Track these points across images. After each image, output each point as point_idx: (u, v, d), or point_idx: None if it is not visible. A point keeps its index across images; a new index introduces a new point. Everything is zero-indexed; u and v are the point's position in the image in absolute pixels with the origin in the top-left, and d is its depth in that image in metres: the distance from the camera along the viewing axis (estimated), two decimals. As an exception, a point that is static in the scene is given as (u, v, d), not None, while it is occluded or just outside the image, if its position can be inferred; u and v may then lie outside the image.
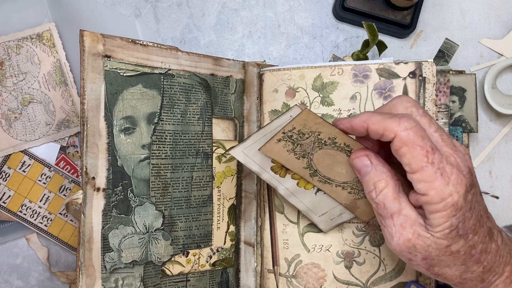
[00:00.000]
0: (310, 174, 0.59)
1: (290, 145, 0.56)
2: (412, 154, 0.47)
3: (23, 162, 0.69)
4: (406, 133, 0.47)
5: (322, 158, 0.57)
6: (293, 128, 0.54)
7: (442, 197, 0.47)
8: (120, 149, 0.57)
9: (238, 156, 0.59)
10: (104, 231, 0.56)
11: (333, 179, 0.58)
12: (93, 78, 0.56)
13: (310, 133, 0.55)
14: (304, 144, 0.56)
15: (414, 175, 0.48)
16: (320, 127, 0.54)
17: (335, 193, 0.60)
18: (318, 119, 0.54)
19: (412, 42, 0.74)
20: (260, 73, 0.67)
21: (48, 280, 0.71)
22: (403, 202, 0.50)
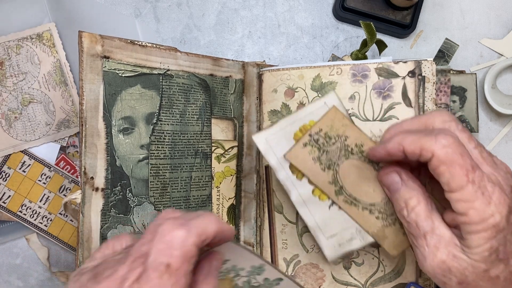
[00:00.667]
0: (335, 191, 0.56)
1: (316, 152, 0.55)
2: (452, 172, 0.45)
3: (23, 162, 0.69)
4: (445, 151, 0.45)
5: (349, 170, 0.55)
6: (319, 130, 0.53)
7: (482, 217, 0.44)
8: (118, 149, 0.57)
9: (260, 143, 0.56)
10: (103, 231, 0.56)
11: (359, 199, 0.56)
12: (92, 78, 0.56)
13: (337, 137, 0.53)
14: (331, 151, 0.54)
15: (453, 194, 0.46)
16: (346, 130, 0.53)
17: (361, 218, 0.56)
18: (345, 120, 0.53)
19: (412, 42, 0.74)
20: (260, 73, 0.67)
21: (48, 280, 0.71)
22: (437, 220, 0.48)
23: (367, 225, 0.56)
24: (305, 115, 0.55)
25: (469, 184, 0.45)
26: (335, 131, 0.53)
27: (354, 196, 0.56)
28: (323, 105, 0.54)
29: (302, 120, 0.54)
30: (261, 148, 0.56)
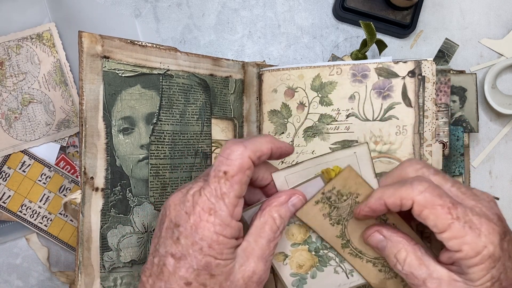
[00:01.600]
0: (342, 244, 0.57)
1: (327, 208, 0.55)
2: (435, 214, 0.46)
3: (23, 162, 0.69)
4: (423, 196, 0.46)
5: (356, 226, 0.56)
6: (333, 188, 0.54)
7: (476, 250, 0.45)
8: (118, 149, 0.57)
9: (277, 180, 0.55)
10: (103, 231, 0.56)
11: (364, 253, 0.57)
12: (92, 79, 0.56)
13: (349, 195, 0.54)
14: (341, 208, 0.55)
15: (443, 235, 0.46)
16: (359, 188, 0.54)
17: (365, 270, 0.58)
18: (359, 178, 0.54)
19: (412, 42, 0.74)
20: (260, 73, 0.67)
21: (48, 280, 0.71)
22: (431, 264, 0.49)
23: (370, 276, 0.58)
24: (332, 160, 0.55)
25: (454, 221, 0.46)
26: (347, 188, 0.54)
27: (359, 249, 0.57)
28: (352, 155, 0.54)
29: (327, 164, 0.55)
30: (277, 184, 0.56)
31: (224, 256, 0.46)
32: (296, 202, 0.52)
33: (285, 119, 0.65)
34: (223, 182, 0.46)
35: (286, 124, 0.64)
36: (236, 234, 0.47)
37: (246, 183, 0.47)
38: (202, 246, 0.45)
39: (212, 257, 0.46)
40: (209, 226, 0.45)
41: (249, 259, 0.48)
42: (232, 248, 0.47)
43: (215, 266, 0.46)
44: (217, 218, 0.46)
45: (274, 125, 0.65)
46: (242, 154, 0.47)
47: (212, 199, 0.46)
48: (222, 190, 0.46)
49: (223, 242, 0.46)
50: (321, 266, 0.56)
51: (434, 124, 0.61)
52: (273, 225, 0.49)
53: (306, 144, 0.63)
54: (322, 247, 0.54)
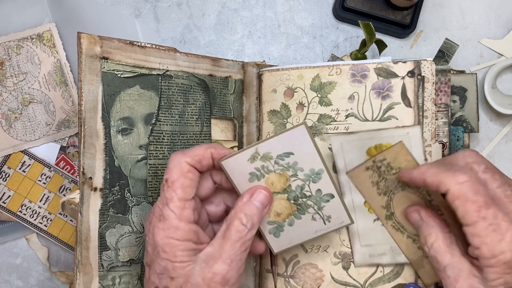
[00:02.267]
0: (386, 216, 0.60)
1: (376, 177, 0.58)
2: (465, 208, 0.48)
3: (23, 162, 0.70)
4: (458, 187, 0.48)
5: (402, 201, 0.59)
6: (384, 159, 0.57)
7: (493, 253, 0.47)
8: (117, 149, 0.58)
9: (334, 144, 0.60)
10: (101, 230, 0.57)
11: (406, 228, 0.60)
12: (91, 79, 0.56)
13: (398, 169, 0.57)
14: (389, 180, 0.58)
15: (467, 228, 0.48)
16: (408, 165, 0.57)
17: (404, 244, 0.60)
18: (409, 156, 0.57)
19: (412, 42, 0.74)
20: (259, 73, 0.67)
21: (48, 280, 0.72)
22: (456, 254, 0.51)
23: (409, 251, 0.60)
24: (385, 136, 0.58)
25: (480, 220, 0.47)
26: (397, 163, 0.57)
27: (402, 224, 0.60)
28: (405, 134, 0.58)
29: (381, 139, 0.58)
30: (334, 148, 0.60)
31: (179, 259, 0.49)
32: (260, 197, 0.53)
33: (284, 119, 0.65)
34: (166, 189, 0.50)
35: (286, 124, 0.64)
36: (190, 237, 0.49)
37: (190, 186, 0.50)
38: (159, 251, 0.49)
39: (167, 260, 0.49)
40: (160, 231, 0.49)
41: (212, 261, 0.49)
42: (187, 251, 0.49)
43: (172, 269, 0.49)
44: (165, 223, 0.49)
45: (273, 125, 0.65)
46: (179, 160, 0.51)
47: (161, 206, 0.50)
48: (166, 197, 0.50)
49: (174, 244, 0.49)
50: (299, 214, 0.56)
51: (433, 124, 0.61)
52: (238, 226, 0.51)
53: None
54: (301, 195, 0.55)
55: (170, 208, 0.49)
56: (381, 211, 0.60)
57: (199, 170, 0.52)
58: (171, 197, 0.49)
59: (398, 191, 0.58)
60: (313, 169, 0.53)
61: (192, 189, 0.51)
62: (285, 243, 0.58)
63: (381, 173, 0.58)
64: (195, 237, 0.50)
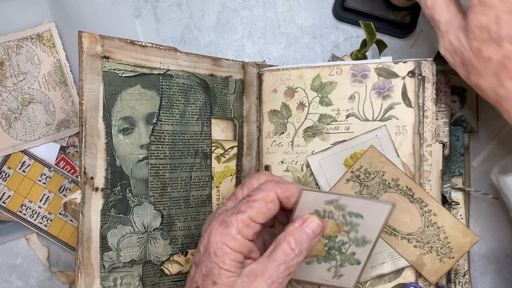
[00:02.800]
0: None
1: (357, 186, 0.59)
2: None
3: (23, 162, 0.69)
4: None
5: None
6: (360, 167, 0.58)
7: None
8: (118, 149, 0.58)
9: (313, 164, 0.60)
10: (103, 231, 0.56)
11: (398, 230, 0.60)
12: (92, 79, 0.56)
13: (375, 173, 0.58)
14: (371, 186, 0.59)
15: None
16: (384, 166, 0.57)
17: (401, 247, 0.60)
18: (382, 157, 0.58)
19: (412, 42, 0.74)
20: (260, 73, 0.67)
21: (48, 280, 0.71)
22: (451, 11, 0.52)
23: (406, 253, 0.60)
24: (357, 144, 0.59)
25: None
26: (373, 167, 0.58)
27: (393, 227, 0.60)
28: (374, 137, 0.59)
29: (354, 148, 0.59)
30: (313, 168, 0.61)
31: (227, 267, 0.48)
32: (312, 225, 0.52)
33: (285, 119, 0.65)
34: (244, 201, 0.51)
35: (286, 124, 0.64)
36: (243, 251, 0.49)
37: (265, 213, 0.50)
38: (210, 252, 0.49)
39: (216, 264, 0.49)
40: (217, 235, 0.49)
41: (253, 277, 0.49)
42: (236, 262, 0.49)
43: (218, 275, 0.48)
44: (226, 229, 0.49)
45: (274, 125, 0.65)
46: (271, 188, 0.51)
47: (228, 214, 0.50)
48: (240, 208, 0.50)
49: (226, 251, 0.49)
50: (321, 260, 0.56)
51: (434, 124, 0.61)
52: (286, 248, 0.50)
53: (306, 144, 0.63)
54: (337, 249, 0.54)
55: (237, 219, 0.49)
56: None
57: (284, 204, 0.52)
58: (243, 211, 0.50)
59: (381, 194, 0.59)
60: (365, 237, 0.53)
61: (265, 216, 0.51)
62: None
63: (361, 181, 0.59)
64: (247, 252, 0.50)
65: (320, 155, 0.60)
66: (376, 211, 0.51)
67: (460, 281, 0.66)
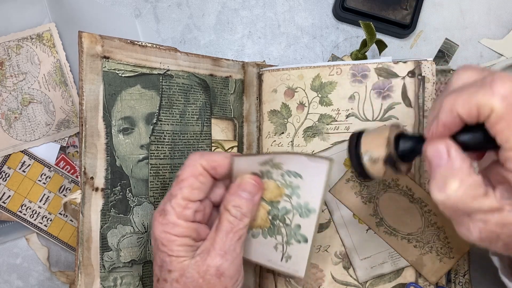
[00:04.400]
0: (376, 223, 0.60)
1: (357, 186, 0.59)
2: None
3: (23, 162, 0.69)
4: (505, 104, 0.38)
5: (387, 203, 0.59)
6: None
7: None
8: (118, 149, 0.57)
9: None
10: (103, 231, 0.56)
11: (398, 230, 0.60)
12: (92, 79, 0.56)
13: None
14: (370, 186, 0.59)
15: (510, 153, 0.39)
16: None
17: (401, 247, 0.60)
18: None
19: (412, 42, 0.74)
20: (260, 73, 0.67)
21: (48, 280, 0.71)
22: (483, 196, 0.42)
23: (406, 253, 0.61)
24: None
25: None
26: None
27: (393, 227, 0.60)
28: None
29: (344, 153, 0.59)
30: None
31: (176, 253, 0.49)
32: (247, 188, 0.52)
33: (285, 119, 0.65)
34: (174, 184, 0.51)
35: (286, 124, 0.64)
36: (188, 234, 0.50)
37: (198, 188, 0.51)
38: (158, 244, 0.50)
39: (165, 253, 0.49)
40: (158, 226, 0.50)
41: (205, 254, 0.49)
42: (185, 246, 0.50)
43: (170, 262, 0.49)
44: (165, 217, 0.50)
45: (274, 125, 0.65)
46: (196, 160, 0.51)
47: (165, 201, 0.51)
48: (171, 193, 0.50)
49: (171, 239, 0.49)
50: (266, 233, 0.54)
51: (434, 124, 0.61)
52: (228, 217, 0.50)
53: (306, 144, 0.63)
54: (281, 219, 0.52)
55: (172, 205, 0.50)
56: (370, 220, 0.60)
57: (213, 176, 0.52)
58: (175, 194, 0.50)
59: (381, 194, 0.59)
60: (308, 203, 0.51)
61: (200, 192, 0.51)
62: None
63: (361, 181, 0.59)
64: (194, 234, 0.50)
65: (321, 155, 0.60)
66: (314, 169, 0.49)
67: (460, 281, 0.65)
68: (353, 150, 0.50)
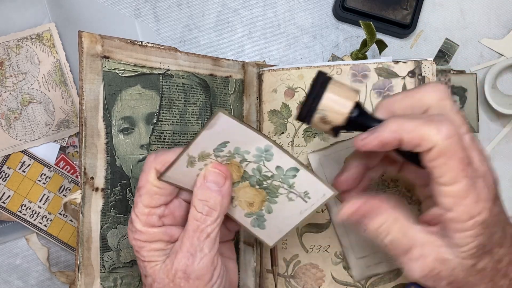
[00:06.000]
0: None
1: None
2: (450, 166, 0.41)
3: (23, 162, 0.69)
4: (448, 143, 0.41)
5: None
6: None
7: (471, 215, 0.41)
8: (118, 149, 0.57)
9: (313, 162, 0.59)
10: (103, 231, 0.56)
11: None
12: (92, 78, 0.56)
13: None
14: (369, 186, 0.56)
15: (444, 188, 0.42)
16: None
17: None
18: None
19: (412, 42, 0.74)
20: (260, 73, 0.67)
21: (48, 280, 0.71)
22: (412, 231, 0.45)
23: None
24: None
25: (464, 179, 0.41)
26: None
27: None
28: None
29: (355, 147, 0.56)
30: (313, 166, 0.60)
31: (147, 258, 0.49)
32: (212, 177, 0.48)
33: (285, 119, 0.65)
34: (136, 193, 0.49)
35: (286, 124, 0.64)
36: (157, 238, 0.49)
37: (158, 193, 0.49)
38: (135, 251, 0.50)
39: (140, 259, 0.50)
40: (129, 233, 0.50)
41: (173, 256, 0.48)
42: (155, 251, 0.49)
43: (144, 268, 0.49)
44: (132, 225, 0.49)
45: (274, 125, 0.65)
46: (150, 165, 0.49)
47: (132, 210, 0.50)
48: (135, 201, 0.49)
49: (141, 245, 0.49)
50: (272, 198, 0.51)
51: (434, 124, 0.61)
52: (194, 214, 0.48)
53: (306, 144, 0.63)
54: (263, 177, 0.50)
55: (135, 213, 0.49)
56: None
57: None
58: (136, 203, 0.49)
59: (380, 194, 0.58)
60: (259, 147, 0.48)
61: (160, 196, 0.49)
62: (275, 234, 0.54)
63: None
64: (166, 237, 0.49)
65: (321, 152, 0.60)
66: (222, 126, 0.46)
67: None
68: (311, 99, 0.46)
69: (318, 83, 0.46)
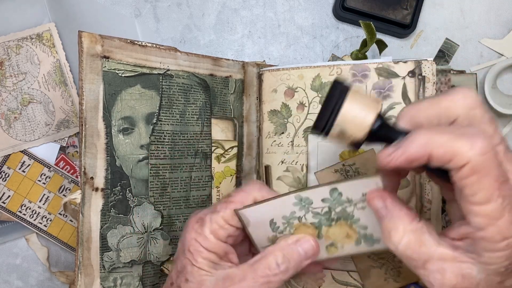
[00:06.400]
0: None
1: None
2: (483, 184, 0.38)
3: (23, 162, 0.69)
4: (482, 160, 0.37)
5: None
6: (353, 164, 0.56)
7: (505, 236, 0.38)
8: (118, 149, 0.57)
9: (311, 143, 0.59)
10: (103, 231, 0.56)
11: None
12: (92, 78, 0.56)
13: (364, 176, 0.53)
14: None
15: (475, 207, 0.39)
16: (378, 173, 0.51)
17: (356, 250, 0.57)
18: None
19: (412, 42, 0.74)
20: (260, 73, 0.67)
21: (48, 280, 0.71)
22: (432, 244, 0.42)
23: (358, 258, 0.58)
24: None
25: (499, 198, 0.38)
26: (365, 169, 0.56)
27: None
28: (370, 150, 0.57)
29: None
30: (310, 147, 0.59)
31: (199, 265, 0.48)
32: (306, 246, 0.48)
33: (285, 119, 0.65)
34: (222, 201, 0.50)
35: (286, 124, 0.64)
36: (217, 251, 0.49)
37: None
38: (185, 249, 0.49)
39: (189, 260, 0.48)
40: (192, 232, 0.49)
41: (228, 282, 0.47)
42: (209, 261, 0.48)
43: (190, 272, 0.48)
44: (200, 227, 0.49)
45: (274, 125, 0.65)
46: (251, 190, 0.50)
47: (207, 212, 0.50)
48: (216, 208, 0.49)
49: (198, 249, 0.48)
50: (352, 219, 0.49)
51: (434, 124, 0.61)
52: (271, 262, 0.47)
53: (306, 144, 0.63)
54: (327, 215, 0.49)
55: (211, 219, 0.49)
56: None
57: None
58: (218, 211, 0.49)
59: None
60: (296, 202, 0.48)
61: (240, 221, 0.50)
62: None
63: (347, 177, 0.57)
64: (222, 253, 0.49)
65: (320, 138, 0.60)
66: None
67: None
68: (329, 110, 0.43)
69: (337, 92, 0.43)
